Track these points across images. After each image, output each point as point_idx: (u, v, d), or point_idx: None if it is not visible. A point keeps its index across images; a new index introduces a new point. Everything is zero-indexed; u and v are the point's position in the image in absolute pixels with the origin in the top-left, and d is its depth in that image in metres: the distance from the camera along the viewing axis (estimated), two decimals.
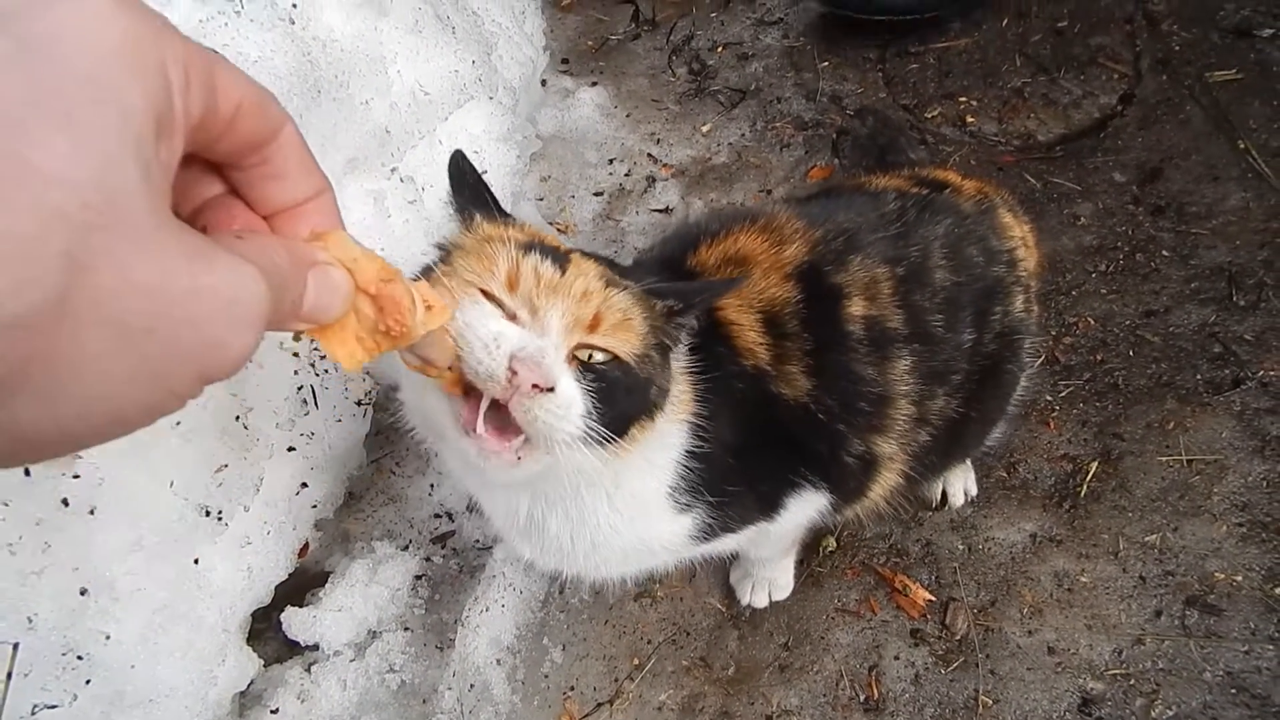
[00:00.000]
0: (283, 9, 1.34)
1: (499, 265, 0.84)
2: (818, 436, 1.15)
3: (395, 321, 0.56)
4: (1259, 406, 1.73)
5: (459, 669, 1.51)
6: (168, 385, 0.39)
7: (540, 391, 0.77)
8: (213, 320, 0.39)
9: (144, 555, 1.20)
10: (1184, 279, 1.94)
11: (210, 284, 0.39)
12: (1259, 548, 1.58)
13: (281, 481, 1.42)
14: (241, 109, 0.45)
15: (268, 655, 1.51)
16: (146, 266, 0.36)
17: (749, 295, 1.11)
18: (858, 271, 1.15)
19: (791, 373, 1.11)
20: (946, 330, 1.20)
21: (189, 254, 0.39)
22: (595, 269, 0.90)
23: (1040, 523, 1.66)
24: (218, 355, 0.40)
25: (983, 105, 2.32)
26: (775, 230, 1.17)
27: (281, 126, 0.49)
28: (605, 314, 0.85)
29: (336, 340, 0.55)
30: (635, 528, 1.08)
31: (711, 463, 1.07)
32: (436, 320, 0.61)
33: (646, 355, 0.90)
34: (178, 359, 0.39)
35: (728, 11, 2.63)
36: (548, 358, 0.78)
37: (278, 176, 0.50)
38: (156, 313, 0.37)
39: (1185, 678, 1.47)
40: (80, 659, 1.15)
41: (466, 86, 1.67)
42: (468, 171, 1.01)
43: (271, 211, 0.52)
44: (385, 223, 1.51)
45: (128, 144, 0.36)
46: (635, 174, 2.26)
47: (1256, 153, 2.09)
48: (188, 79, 0.41)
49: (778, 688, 1.52)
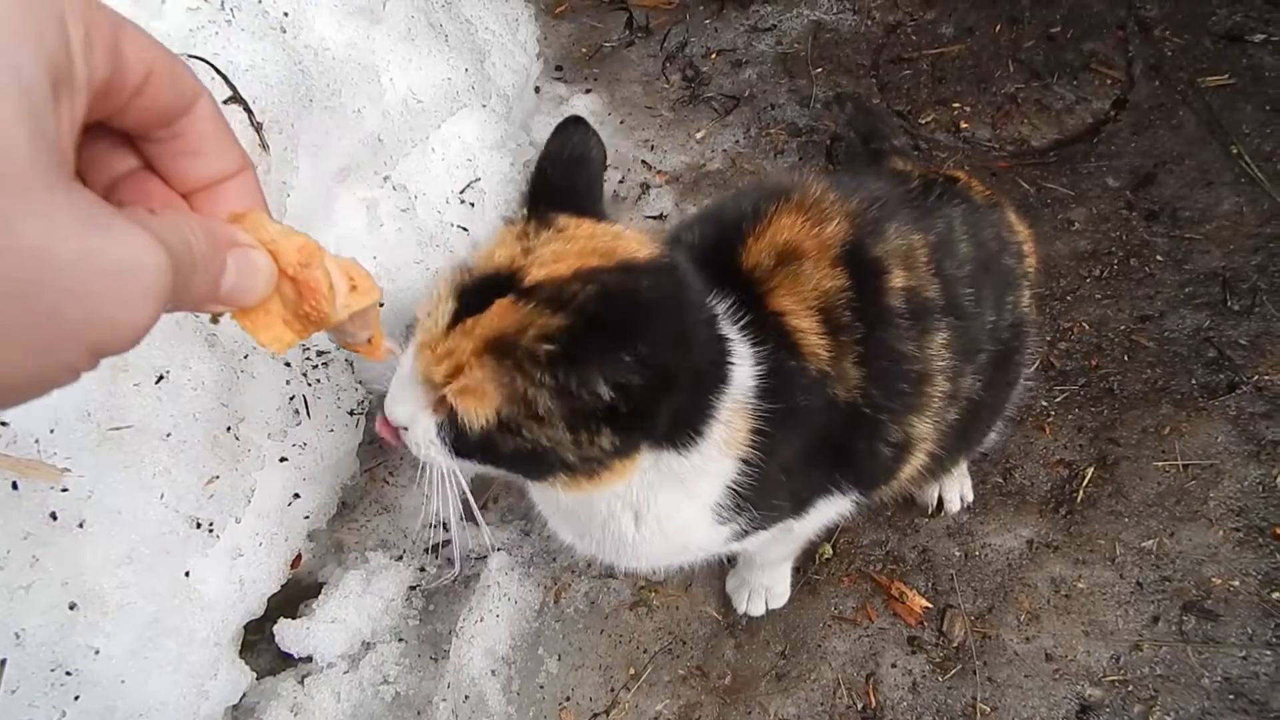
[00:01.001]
0: (274, 18, 1.33)
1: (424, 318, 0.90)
2: (859, 434, 1.13)
3: (312, 307, 0.55)
4: (1254, 411, 1.73)
5: (454, 680, 1.50)
6: (55, 356, 0.37)
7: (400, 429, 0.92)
8: (102, 289, 0.37)
9: (134, 568, 1.19)
10: (1178, 284, 1.94)
11: (99, 250, 0.37)
12: (1255, 552, 1.58)
13: (273, 492, 1.41)
14: (152, 76, 0.44)
15: (260, 668, 1.49)
16: (32, 228, 0.34)
17: (806, 294, 1.07)
18: (895, 240, 1.14)
19: (845, 368, 1.08)
20: (975, 306, 1.19)
21: (81, 219, 0.36)
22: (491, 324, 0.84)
23: (1037, 529, 1.65)
24: (110, 327, 0.38)
25: (976, 111, 2.32)
26: (813, 207, 1.14)
27: (196, 99, 0.48)
28: (457, 377, 0.86)
29: (261, 324, 0.54)
30: (668, 542, 1.11)
31: (764, 481, 1.05)
32: (360, 302, 0.59)
33: (509, 428, 0.87)
34: (65, 329, 0.37)
35: (721, 18, 2.63)
36: (397, 408, 0.92)
37: (193, 152, 0.49)
38: (40, 279, 0.35)
39: (1183, 684, 1.47)
40: (69, 674, 1.14)
41: (459, 94, 1.66)
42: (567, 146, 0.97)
43: (189, 189, 0.50)
44: (378, 231, 1.51)
45: (19, 100, 0.34)
46: (629, 181, 2.25)
47: (1249, 157, 2.09)
48: (89, 37, 0.39)
49: (775, 697, 1.51)
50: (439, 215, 1.64)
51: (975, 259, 1.21)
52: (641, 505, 1.05)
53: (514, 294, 0.85)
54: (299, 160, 1.33)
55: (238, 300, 0.50)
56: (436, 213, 1.63)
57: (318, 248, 0.55)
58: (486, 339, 0.84)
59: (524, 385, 0.84)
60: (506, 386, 0.85)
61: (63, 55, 0.37)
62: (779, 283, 1.08)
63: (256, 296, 0.51)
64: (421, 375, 0.89)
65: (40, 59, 0.36)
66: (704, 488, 1.04)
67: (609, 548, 1.13)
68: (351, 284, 0.58)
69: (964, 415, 1.25)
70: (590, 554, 1.22)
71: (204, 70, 1.16)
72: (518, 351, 0.83)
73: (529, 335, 0.83)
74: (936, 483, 1.62)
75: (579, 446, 0.88)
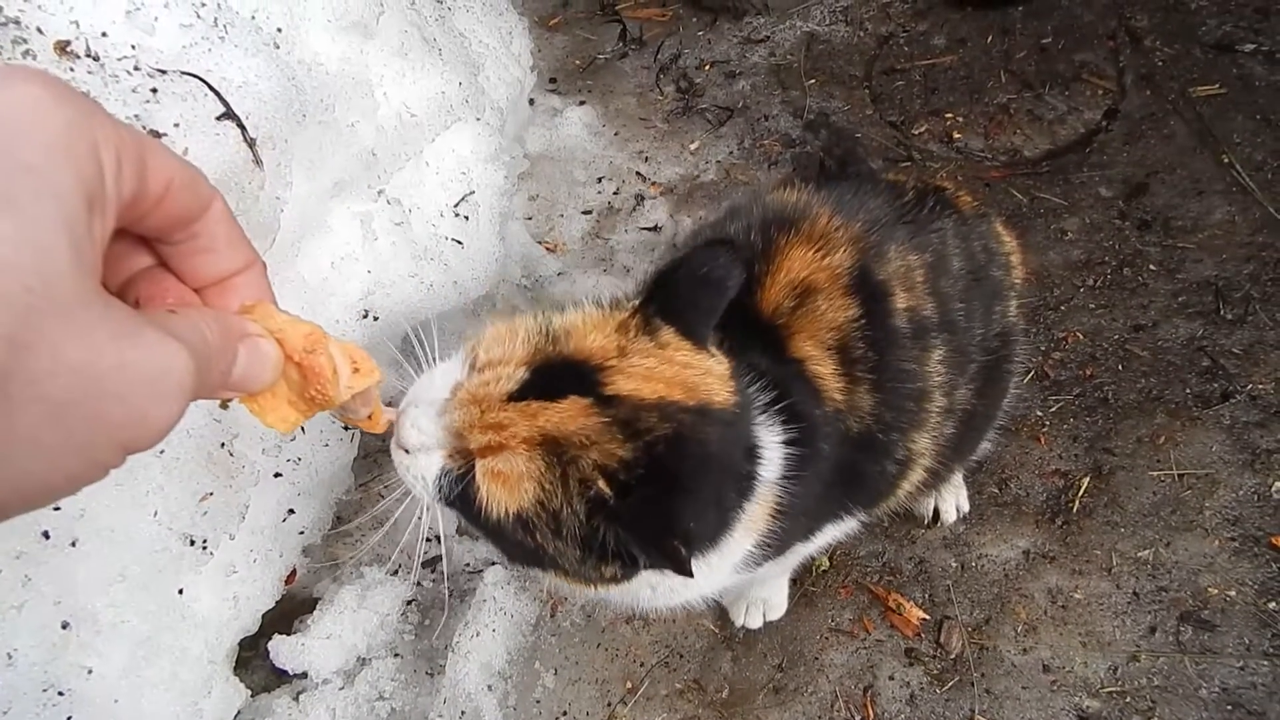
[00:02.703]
0: (268, 34, 1.33)
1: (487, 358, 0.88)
2: (868, 458, 1.14)
3: (317, 391, 0.58)
4: (1248, 420, 1.73)
5: (450, 695, 1.49)
6: (92, 455, 0.41)
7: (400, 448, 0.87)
8: (137, 394, 0.41)
9: (127, 587, 1.18)
10: (1171, 293, 1.94)
11: (135, 360, 0.40)
12: (1251, 562, 1.58)
13: (268, 508, 1.40)
14: (172, 187, 0.47)
15: (255, 684, 1.48)
16: (77, 345, 0.38)
17: (821, 333, 1.08)
18: (895, 262, 1.15)
19: (859, 398, 1.10)
20: (966, 320, 1.21)
21: (116, 331, 0.40)
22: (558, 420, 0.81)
23: (1033, 539, 1.65)
24: (141, 427, 0.41)
25: (969, 121, 2.34)
26: (820, 237, 1.15)
27: (210, 203, 0.51)
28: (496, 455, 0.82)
29: (269, 406, 0.57)
30: (684, 599, 1.13)
31: (785, 533, 1.06)
32: (362, 383, 0.62)
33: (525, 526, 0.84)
34: (103, 431, 0.40)
35: (714, 30, 2.64)
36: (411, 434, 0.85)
37: (207, 250, 0.52)
38: (85, 389, 0.38)
39: (1181, 694, 1.47)
40: (61, 694, 1.13)
41: (454, 108, 1.66)
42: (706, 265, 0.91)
43: (202, 284, 0.53)
44: (372, 245, 1.50)
45: (62, 227, 0.38)
46: (624, 192, 2.26)
47: (1241, 166, 2.10)
48: (119, 161, 0.42)
49: (772, 710, 1.50)
50: (433, 229, 1.63)
51: (966, 272, 1.24)
52: (657, 582, 1.04)
53: (593, 398, 0.82)
54: (293, 175, 1.32)
55: (246, 387, 0.53)
56: (431, 226, 1.63)
57: (323, 335, 0.58)
58: (545, 434, 0.81)
59: (562, 502, 0.81)
60: (544, 493, 0.81)
61: (96, 179, 0.41)
62: (799, 326, 1.09)
63: (264, 383, 0.54)
64: (455, 427, 0.84)
65: (78, 183, 0.39)
66: (721, 564, 1.05)
67: (627, 603, 1.16)
68: (354, 366, 0.62)
69: (959, 427, 1.26)
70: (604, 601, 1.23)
71: (197, 87, 1.15)
72: (572, 467, 0.80)
73: (591, 455, 0.80)
74: (932, 494, 1.62)
75: (582, 566, 0.87)
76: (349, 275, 1.46)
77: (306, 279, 1.40)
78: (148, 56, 1.13)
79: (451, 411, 0.85)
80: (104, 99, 1.05)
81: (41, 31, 1.06)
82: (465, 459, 0.85)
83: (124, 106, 1.06)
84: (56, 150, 0.39)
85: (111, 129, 0.42)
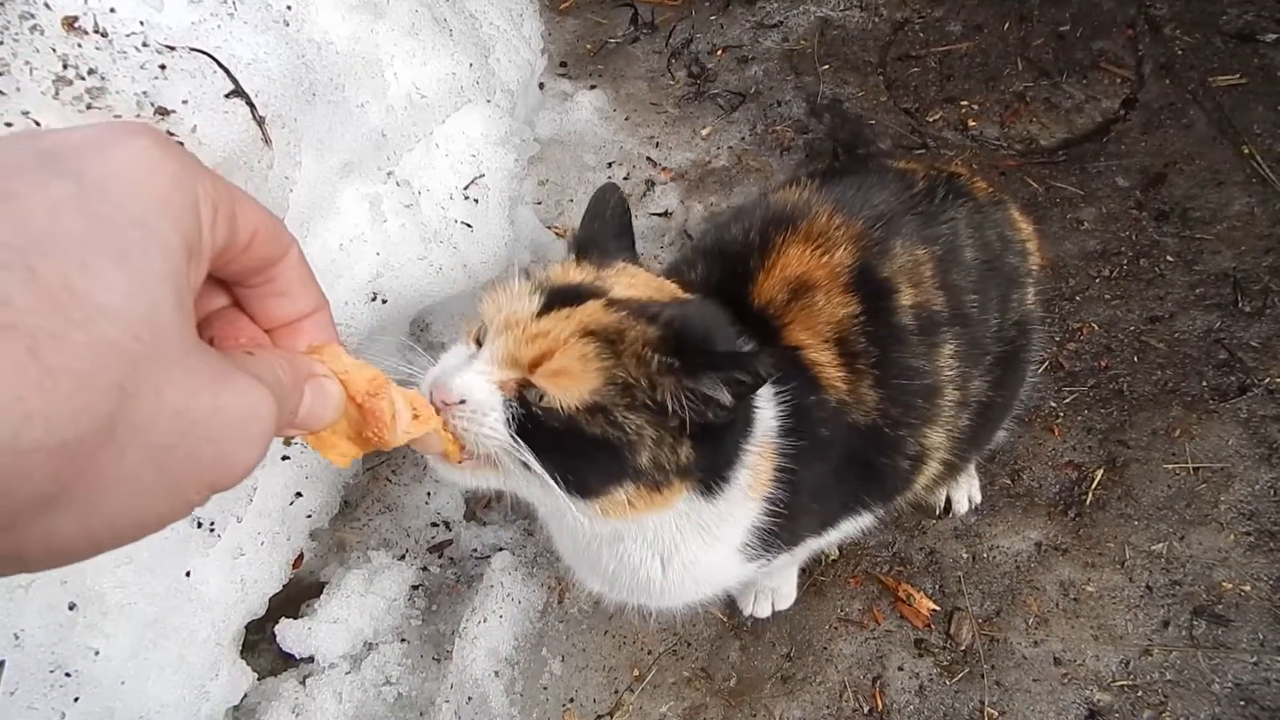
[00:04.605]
0: (277, 11, 1.31)
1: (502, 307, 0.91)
2: (880, 453, 1.15)
3: (374, 433, 0.61)
4: (1265, 414, 1.71)
5: (456, 681, 1.48)
6: (182, 496, 0.42)
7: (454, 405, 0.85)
8: (228, 437, 0.42)
9: (134, 568, 1.18)
10: (1188, 285, 1.92)
11: (228, 404, 0.42)
12: (1267, 557, 1.56)
13: (275, 491, 1.39)
14: (257, 236, 0.49)
15: (261, 668, 1.48)
16: (178, 391, 0.40)
17: (820, 327, 1.10)
18: (901, 258, 1.14)
19: (863, 392, 1.10)
20: (981, 312, 1.20)
21: (212, 376, 0.42)
22: (590, 316, 0.88)
23: (1045, 531, 1.64)
24: (229, 468, 0.43)
25: (984, 109, 2.31)
26: (819, 235, 1.15)
27: (289, 249, 0.53)
28: (550, 359, 0.86)
29: (328, 443, 0.60)
30: (697, 583, 1.12)
31: (790, 516, 1.07)
32: (420, 429, 0.66)
33: (602, 411, 0.86)
34: (195, 472, 0.42)
35: (727, 15, 2.61)
36: (457, 378, 0.86)
37: (282, 294, 0.54)
38: (183, 432, 0.40)
39: (1193, 689, 1.45)
40: (69, 675, 1.12)
41: (464, 89, 1.64)
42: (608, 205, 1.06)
43: (273, 325, 0.56)
44: (381, 227, 1.49)
45: (169, 280, 0.40)
46: (634, 177, 2.24)
47: (1260, 158, 2.07)
48: (215, 212, 0.45)
49: (780, 699, 1.49)
50: (443, 211, 1.62)
51: (980, 262, 1.22)
52: (668, 552, 1.05)
53: (605, 300, 0.91)
54: (302, 155, 1.31)
55: (310, 425, 0.54)
56: (440, 209, 1.61)
57: (386, 380, 0.61)
58: (586, 328, 0.87)
59: (628, 372, 0.86)
60: (607, 371, 0.86)
61: (196, 231, 0.43)
62: (793, 317, 1.10)
63: (326, 422, 0.56)
64: (505, 355, 0.87)
65: (182, 237, 0.42)
66: (730, 532, 1.05)
67: (638, 592, 1.14)
68: (414, 413, 0.65)
69: (974, 418, 1.25)
70: (621, 600, 1.21)
71: (206, 64, 1.14)
72: (623, 343, 0.87)
73: (632, 333, 0.87)
74: (945, 485, 1.60)
75: (659, 447, 0.89)
76: (358, 257, 1.45)
77: (315, 261, 1.38)
78: (156, 33, 1.11)
79: (493, 342, 0.89)
80: (112, 76, 1.03)
81: (49, 7, 1.04)
82: (518, 386, 0.87)
83: (132, 83, 1.04)
84: (164, 205, 0.41)
85: (210, 182, 0.44)
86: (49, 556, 0.40)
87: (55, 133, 0.42)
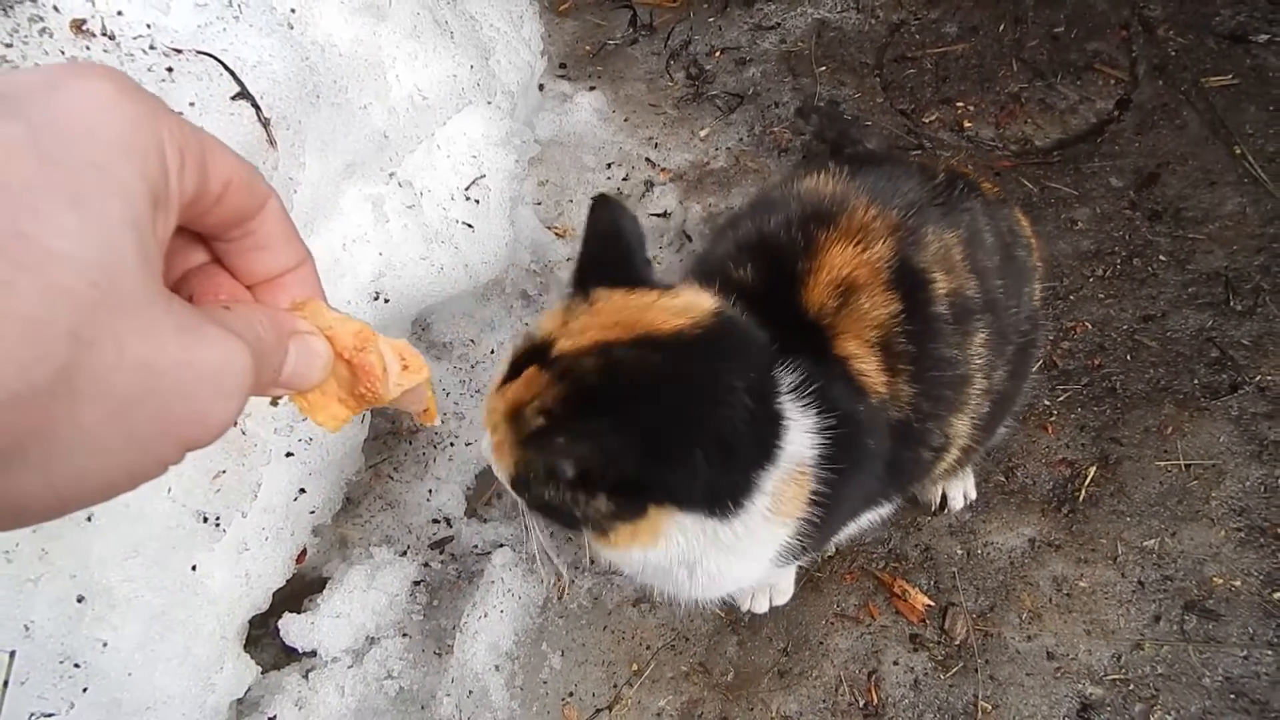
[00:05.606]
0: (281, 14, 1.34)
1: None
2: (907, 446, 1.14)
3: (367, 388, 0.58)
4: (1256, 411, 1.73)
5: (457, 675, 1.50)
6: (154, 453, 0.41)
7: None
8: (199, 391, 0.41)
9: (141, 562, 1.20)
10: (1181, 284, 1.94)
11: (199, 356, 0.41)
12: (1257, 552, 1.58)
13: (279, 487, 1.41)
14: (230, 186, 0.47)
15: (265, 662, 1.50)
16: (142, 341, 0.38)
17: (865, 331, 1.08)
18: (933, 245, 1.14)
19: (900, 389, 1.09)
20: (1006, 298, 1.21)
21: (179, 327, 0.40)
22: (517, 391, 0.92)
23: (1039, 527, 1.66)
24: (202, 424, 0.42)
25: (980, 110, 2.33)
26: (859, 230, 1.13)
27: (266, 201, 0.51)
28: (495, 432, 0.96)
29: (318, 405, 0.57)
30: (724, 588, 1.15)
31: (826, 525, 1.07)
32: (411, 380, 0.63)
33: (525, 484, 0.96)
34: (165, 428, 0.40)
35: (725, 16, 2.63)
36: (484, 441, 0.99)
37: (261, 248, 0.52)
38: (149, 385, 0.38)
39: (1184, 683, 1.47)
40: (77, 666, 1.14)
41: (465, 91, 1.66)
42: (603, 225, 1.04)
43: (255, 281, 0.53)
44: (383, 227, 1.51)
45: (128, 225, 0.38)
46: (633, 178, 2.26)
47: (1253, 158, 2.09)
48: (182, 159, 0.42)
49: (777, 693, 1.51)
50: (444, 212, 1.64)
51: (1000, 247, 1.23)
52: (694, 563, 1.04)
53: (540, 363, 0.91)
54: (306, 156, 1.33)
55: (296, 385, 0.53)
56: (442, 209, 1.64)
57: (372, 333, 0.59)
58: (509, 404, 0.92)
59: (525, 451, 0.92)
60: (516, 451, 0.93)
61: (160, 177, 0.41)
62: (843, 326, 1.09)
63: (314, 381, 0.54)
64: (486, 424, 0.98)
65: (143, 181, 0.39)
66: (756, 550, 1.05)
67: (669, 590, 1.17)
68: (403, 364, 0.62)
69: (994, 406, 1.26)
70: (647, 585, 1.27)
71: (212, 66, 1.16)
72: (522, 419, 0.90)
73: (532, 405, 0.89)
74: (943, 480, 1.62)
75: (578, 507, 0.93)
76: (360, 257, 1.47)
77: (319, 261, 1.40)
78: (163, 36, 1.13)
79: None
80: None
81: (58, 10, 1.06)
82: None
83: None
84: (122, 148, 0.39)
85: (175, 126, 0.42)
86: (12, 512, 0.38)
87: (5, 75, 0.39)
